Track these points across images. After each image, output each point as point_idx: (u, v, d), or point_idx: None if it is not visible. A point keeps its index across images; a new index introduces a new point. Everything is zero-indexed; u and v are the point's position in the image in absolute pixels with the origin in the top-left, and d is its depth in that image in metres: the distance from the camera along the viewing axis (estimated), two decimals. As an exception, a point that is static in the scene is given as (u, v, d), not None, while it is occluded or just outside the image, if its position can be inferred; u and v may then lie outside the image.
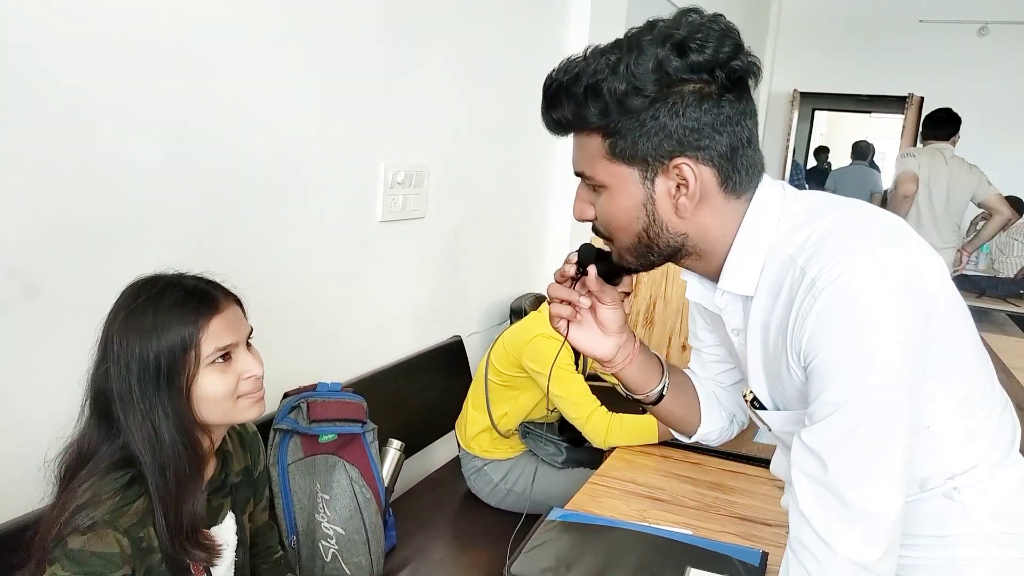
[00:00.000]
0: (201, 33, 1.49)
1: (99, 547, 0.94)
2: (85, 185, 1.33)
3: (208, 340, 1.03)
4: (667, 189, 0.87)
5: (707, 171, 0.86)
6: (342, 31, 1.85)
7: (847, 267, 0.77)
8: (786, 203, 0.90)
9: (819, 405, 0.81)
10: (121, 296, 1.06)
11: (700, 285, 1.01)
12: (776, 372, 0.90)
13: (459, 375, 2.46)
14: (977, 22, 6.16)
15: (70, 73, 1.27)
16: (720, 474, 1.68)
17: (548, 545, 1.30)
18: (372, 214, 2.07)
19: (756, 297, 0.89)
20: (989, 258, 5.56)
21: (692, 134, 0.84)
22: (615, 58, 0.83)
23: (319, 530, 1.60)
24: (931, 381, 0.83)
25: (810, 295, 0.79)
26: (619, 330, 1.06)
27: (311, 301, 1.91)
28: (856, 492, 0.79)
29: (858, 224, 0.84)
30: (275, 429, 1.63)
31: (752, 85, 0.87)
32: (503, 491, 2.10)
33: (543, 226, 3.10)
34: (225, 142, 1.59)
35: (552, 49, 2.84)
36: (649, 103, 0.82)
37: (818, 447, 0.81)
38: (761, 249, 0.88)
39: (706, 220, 0.89)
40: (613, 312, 1.05)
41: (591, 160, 0.89)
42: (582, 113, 0.85)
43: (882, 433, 0.78)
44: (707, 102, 0.83)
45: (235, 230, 1.65)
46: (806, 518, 0.82)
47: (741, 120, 0.85)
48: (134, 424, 1.00)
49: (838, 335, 0.78)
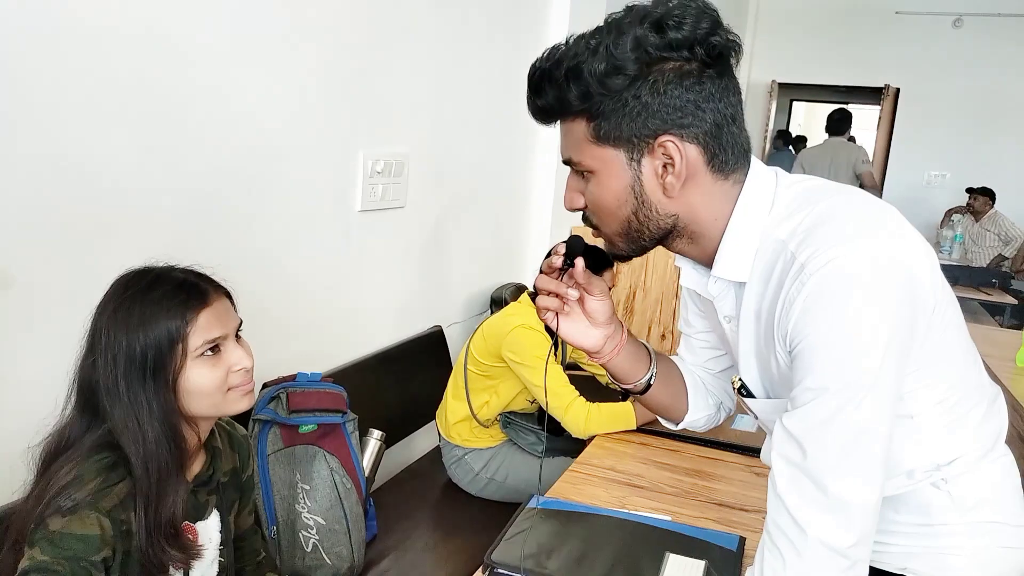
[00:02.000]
0: (178, 23, 1.47)
1: (79, 528, 0.94)
2: (65, 178, 1.31)
3: (196, 333, 1.03)
4: (654, 169, 0.87)
5: (692, 149, 0.85)
6: (321, 19, 1.83)
7: (837, 253, 0.78)
8: (779, 189, 0.90)
9: (801, 390, 0.81)
10: (111, 289, 1.05)
11: (694, 271, 1.00)
12: (767, 358, 0.90)
13: (440, 365, 2.46)
14: (952, 14, 6.23)
15: (48, 65, 1.26)
16: (698, 461, 1.70)
17: (528, 533, 1.30)
18: (351, 204, 2.06)
19: (749, 283, 0.89)
20: (963, 248, 5.65)
21: (675, 112, 0.83)
22: (596, 41, 0.83)
23: (299, 520, 1.60)
24: (915, 371, 0.84)
25: (799, 280, 0.79)
26: (607, 321, 1.06)
27: (291, 291, 1.90)
28: (834, 478, 0.79)
29: (850, 211, 0.84)
30: (254, 419, 1.62)
31: (733, 63, 0.86)
32: (484, 480, 2.11)
33: (524, 216, 3.10)
34: (203, 132, 1.57)
35: (533, 37, 2.83)
36: (630, 82, 0.83)
37: (798, 432, 0.81)
38: (754, 235, 0.88)
39: (695, 200, 0.89)
40: (601, 303, 1.05)
41: (577, 145, 0.89)
42: (565, 97, 0.85)
43: (863, 420, 0.78)
44: (688, 79, 0.83)
45: (214, 220, 1.64)
46: (783, 502, 0.82)
47: (724, 97, 0.85)
48: (119, 417, 1.00)
49: (823, 321, 0.78)
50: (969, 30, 6.21)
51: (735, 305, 0.94)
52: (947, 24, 6.26)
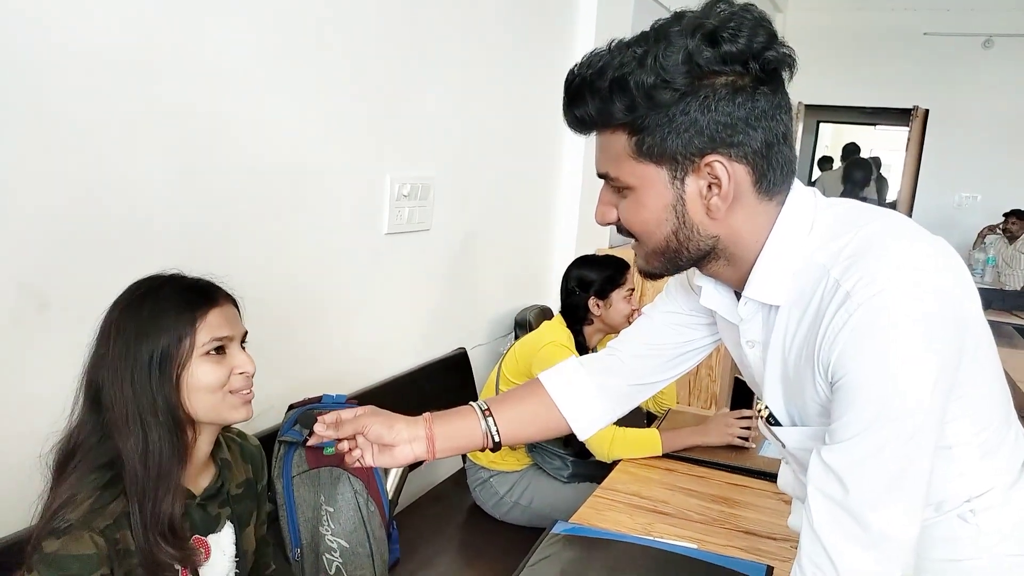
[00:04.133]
0: (211, 46, 1.50)
1: (75, 549, 0.94)
2: (95, 196, 1.34)
3: (204, 330, 1.05)
4: (698, 189, 0.82)
5: (741, 169, 0.81)
6: (349, 43, 1.86)
7: (885, 284, 0.74)
8: (818, 210, 0.85)
9: (843, 424, 0.78)
10: (122, 293, 1.08)
11: (716, 292, 0.96)
12: (798, 387, 0.87)
13: (464, 387, 2.45)
14: (982, 35, 6.16)
15: (80, 85, 1.29)
16: (725, 487, 1.67)
17: (552, 559, 1.29)
18: (378, 226, 2.08)
19: (783, 308, 0.85)
20: (995, 271, 5.55)
21: (725, 129, 0.79)
22: (642, 50, 0.78)
23: (323, 543, 1.60)
24: (956, 402, 0.81)
25: (843, 309, 0.76)
26: (394, 436, 1.07)
27: (317, 313, 1.92)
28: (877, 515, 0.76)
29: (898, 238, 0.79)
30: (280, 441, 1.63)
31: (787, 77, 0.82)
32: (508, 504, 2.09)
33: (549, 239, 3.11)
34: (233, 154, 1.60)
35: (558, 62, 2.85)
36: (679, 97, 0.78)
37: (839, 467, 0.78)
38: (793, 257, 0.83)
39: (739, 222, 0.84)
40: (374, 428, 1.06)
41: (616, 160, 0.84)
42: (608, 109, 0.81)
43: (907, 457, 0.76)
44: (740, 95, 0.78)
45: (242, 241, 1.66)
46: (819, 538, 0.80)
47: (776, 114, 0.81)
48: (120, 411, 1.01)
49: (870, 354, 0.75)
50: (999, 51, 6.14)
51: (763, 330, 0.90)
52: (977, 45, 6.19)
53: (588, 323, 2.12)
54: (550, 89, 2.97)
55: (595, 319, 2.10)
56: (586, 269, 2.12)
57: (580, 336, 2.12)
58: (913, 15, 6.30)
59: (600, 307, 2.08)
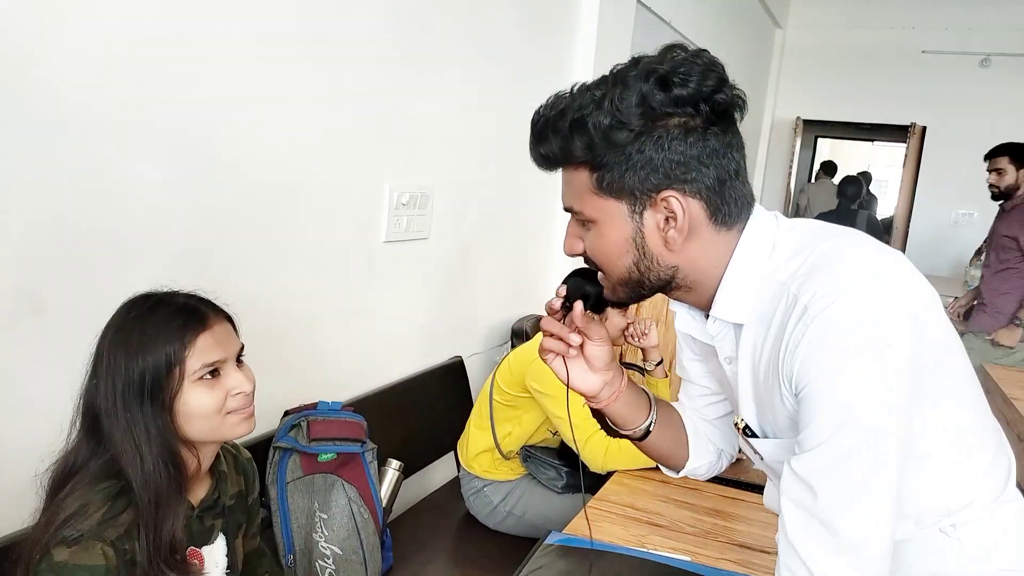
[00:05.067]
0: (209, 53, 1.51)
1: (85, 559, 0.94)
2: (91, 203, 1.34)
3: (195, 356, 1.04)
4: (656, 222, 0.87)
5: (695, 204, 0.86)
6: (349, 52, 1.87)
7: (839, 294, 0.78)
8: (779, 232, 0.90)
9: (809, 434, 0.80)
10: (115, 314, 1.07)
11: (689, 316, 1.00)
12: (768, 400, 0.90)
13: (460, 396, 2.46)
14: (980, 54, 6.20)
15: (77, 91, 1.29)
16: (719, 500, 1.68)
17: (545, 570, 1.29)
18: (376, 234, 2.08)
19: (747, 325, 0.89)
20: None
21: (678, 167, 0.84)
22: (600, 93, 0.84)
23: (316, 549, 1.60)
24: (924, 411, 0.83)
25: (802, 322, 0.79)
26: (605, 367, 1.05)
27: (314, 320, 1.92)
28: (845, 521, 0.79)
29: (852, 252, 0.84)
30: (275, 447, 1.63)
31: (738, 118, 0.87)
32: (502, 513, 2.09)
33: (546, 248, 3.11)
34: (231, 161, 1.60)
35: (558, 73, 2.87)
36: (634, 137, 0.83)
37: (808, 475, 0.81)
38: (753, 278, 0.88)
39: (696, 252, 0.89)
40: (600, 349, 1.04)
41: (579, 195, 0.90)
42: (568, 147, 0.86)
43: (873, 462, 0.78)
44: (692, 135, 0.83)
45: (240, 248, 1.66)
46: (793, 547, 0.82)
47: (727, 152, 0.86)
48: (118, 440, 1.01)
49: (829, 362, 0.78)
50: (997, 70, 6.18)
51: (734, 346, 0.94)
52: (974, 64, 6.23)
53: (583, 335, 2.11)
54: (550, 100, 2.98)
55: None
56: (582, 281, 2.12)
57: (575, 348, 2.11)
58: (912, 33, 6.34)
59: None
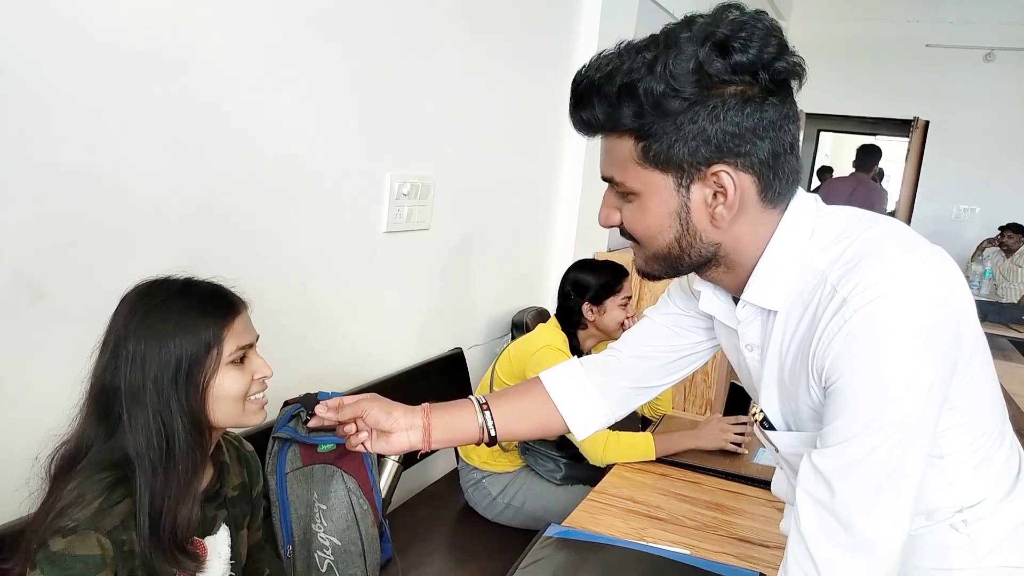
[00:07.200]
0: (208, 42, 1.50)
1: (80, 549, 0.94)
2: (91, 191, 1.33)
3: (231, 339, 1.06)
4: (703, 197, 0.82)
5: (747, 179, 0.81)
6: (350, 42, 1.86)
7: (881, 291, 0.74)
8: (819, 216, 0.85)
9: (834, 429, 0.78)
10: (130, 297, 1.06)
11: (714, 297, 0.96)
12: (792, 391, 0.87)
13: (460, 387, 2.45)
14: (983, 48, 6.18)
15: (77, 79, 1.28)
16: (719, 494, 1.68)
17: (544, 562, 1.29)
18: (377, 225, 2.08)
19: (781, 312, 0.85)
20: (992, 284, 5.56)
21: (732, 139, 0.78)
22: (652, 56, 0.77)
23: (315, 540, 1.60)
24: (949, 412, 0.81)
25: (839, 315, 0.76)
26: (394, 423, 1.09)
27: (314, 310, 1.91)
28: (863, 520, 0.77)
29: (896, 245, 0.79)
30: (274, 437, 1.63)
31: (796, 87, 0.81)
32: (501, 505, 2.09)
33: (547, 240, 3.11)
34: (231, 150, 1.59)
35: (560, 62, 2.85)
36: (688, 106, 0.77)
37: (828, 471, 0.78)
38: (792, 262, 0.83)
39: (741, 231, 0.84)
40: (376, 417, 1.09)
41: (621, 165, 0.84)
42: (615, 114, 0.80)
43: (896, 463, 0.76)
44: (749, 105, 0.78)
45: (239, 238, 1.66)
46: (805, 541, 0.80)
47: (784, 124, 0.80)
48: (140, 423, 1.00)
49: (864, 361, 0.75)
50: (1000, 64, 6.16)
51: (761, 334, 0.90)
52: (978, 58, 6.21)
53: (582, 327, 2.12)
54: (552, 90, 2.97)
55: (589, 324, 2.10)
56: (583, 273, 2.12)
57: (574, 340, 2.12)
58: (915, 27, 6.31)
59: (594, 312, 2.08)
